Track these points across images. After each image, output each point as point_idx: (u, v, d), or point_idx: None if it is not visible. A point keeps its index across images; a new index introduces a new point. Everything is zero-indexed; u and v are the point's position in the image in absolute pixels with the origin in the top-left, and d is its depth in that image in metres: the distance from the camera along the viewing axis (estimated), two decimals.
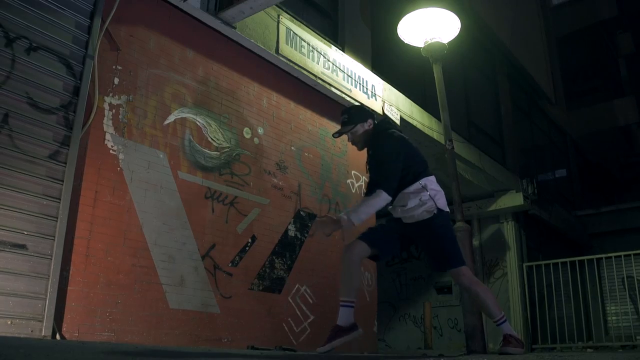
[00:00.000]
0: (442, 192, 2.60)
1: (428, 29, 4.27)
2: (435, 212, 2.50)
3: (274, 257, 3.75)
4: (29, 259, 2.48)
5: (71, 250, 2.65)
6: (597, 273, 6.58)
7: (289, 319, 3.73)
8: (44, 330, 2.45)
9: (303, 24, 4.36)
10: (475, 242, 7.43)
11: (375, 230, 2.62)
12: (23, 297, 2.42)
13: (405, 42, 4.52)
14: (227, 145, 3.63)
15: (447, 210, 2.58)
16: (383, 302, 7.66)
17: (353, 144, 2.68)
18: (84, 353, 1.44)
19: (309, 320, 3.87)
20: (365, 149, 2.70)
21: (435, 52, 4.27)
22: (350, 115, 2.66)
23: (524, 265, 7.14)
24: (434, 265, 2.69)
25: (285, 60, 4.05)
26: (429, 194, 2.51)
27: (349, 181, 4.63)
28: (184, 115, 3.39)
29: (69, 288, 2.60)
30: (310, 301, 3.94)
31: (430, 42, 4.28)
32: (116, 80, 3.05)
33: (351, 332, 2.40)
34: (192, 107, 3.45)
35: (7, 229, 2.43)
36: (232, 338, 3.30)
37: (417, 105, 5.59)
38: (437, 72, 4.29)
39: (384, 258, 2.73)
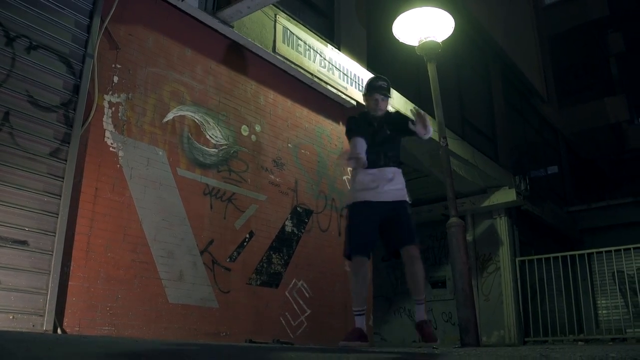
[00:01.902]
0: None
1: (422, 28, 4.34)
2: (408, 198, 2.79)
3: (271, 253, 3.81)
4: (30, 254, 2.52)
5: (72, 246, 2.69)
6: (588, 268, 6.70)
7: (286, 313, 3.79)
8: (45, 324, 2.49)
9: (300, 23, 4.41)
10: (469, 237, 7.53)
11: (364, 237, 2.73)
12: (24, 292, 2.45)
13: (400, 41, 4.59)
14: (225, 142, 3.67)
15: None
16: (378, 296, 7.75)
17: (381, 108, 2.87)
18: (85, 347, 1.46)
19: (305, 315, 3.94)
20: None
21: (430, 50, 4.34)
22: (390, 85, 2.94)
23: (517, 259, 7.25)
24: (397, 241, 2.76)
25: (282, 59, 4.10)
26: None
27: (345, 177, 4.69)
28: (182, 113, 3.43)
29: (69, 283, 2.64)
30: (307, 295, 4.00)
31: (424, 41, 4.35)
32: (115, 79, 3.09)
33: (366, 340, 2.66)
34: (191, 105, 3.50)
35: (9, 225, 2.46)
36: (230, 332, 3.35)
37: (411, 103, 5.65)
38: (431, 70, 4.36)
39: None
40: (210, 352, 1.67)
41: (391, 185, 2.72)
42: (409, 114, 5.53)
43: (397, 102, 5.39)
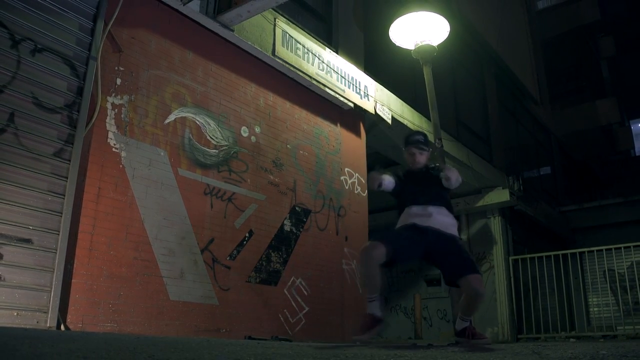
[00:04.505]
0: None
1: (418, 32, 4.41)
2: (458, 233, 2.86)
3: (270, 251, 3.87)
4: (35, 252, 2.56)
5: (75, 245, 2.74)
6: (579, 266, 6.83)
7: (285, 310, 3.85)
8: (49, 321, 2.53)
9: (298, 27, 4.48)
10: (464, 237, 7.65)
11: (400, 237, 2.70)
12: (29, 289, 2.50)
13: (397, 44, 4.67)
14: (226, 143, 3.74)
15: None
16: None
17: (419, 161, 2.93)
18: (88, 343, 1.50)
19: (303, 312, 4.00)
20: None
21: (425, 54, 4.42)
22: (427, 139, 2.98)
23: (510, 258, 7.36)
24: (455, 272, 2.70)
25: (281, 62, 4.17)
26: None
27: (342, 178, 4.77)
28: (183, 114, 3.50)
29: (73, 281, 2.69)
30: (305, 293, 4.07)
31: (420, 44, 4.43)
32: (118, 81, 3.14)
33: (381, 323, 2.55)
34: (192, 106, 3.56)
35: (14, 224, 2.51)
36: (230, 329, 3.41)
37: (407, 105, 5.75)
38: (427, 73, 4.44)
39: (400, 266, 2.87)
40: (210, 347, 1.72)
41: (436, 216, 2.73)
42: (404, 114, 5.63)
43: (394, 105, 5.48)
